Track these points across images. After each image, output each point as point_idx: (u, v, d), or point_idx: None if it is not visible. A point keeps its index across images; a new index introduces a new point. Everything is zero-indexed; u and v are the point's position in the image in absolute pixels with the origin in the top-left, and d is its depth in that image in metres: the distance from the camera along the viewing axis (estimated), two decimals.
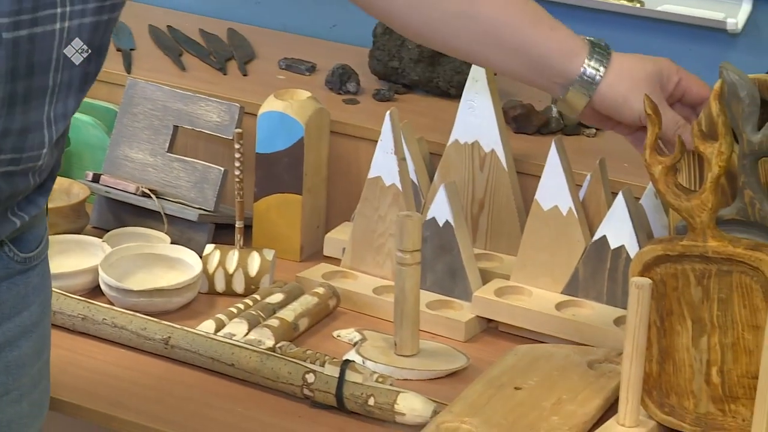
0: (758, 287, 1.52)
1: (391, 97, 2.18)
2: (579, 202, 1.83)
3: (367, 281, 1.92)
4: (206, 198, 2.02)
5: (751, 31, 2.13)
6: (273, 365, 1.67)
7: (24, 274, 1.37)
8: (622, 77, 1.54)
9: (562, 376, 1.67)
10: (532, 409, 1.61)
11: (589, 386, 1.66)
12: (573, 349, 1.74)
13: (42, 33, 1.25)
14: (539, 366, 1.70)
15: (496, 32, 1.53)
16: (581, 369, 1.69)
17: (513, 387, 1.65)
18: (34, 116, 1.29)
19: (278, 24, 2.46)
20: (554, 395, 1.64)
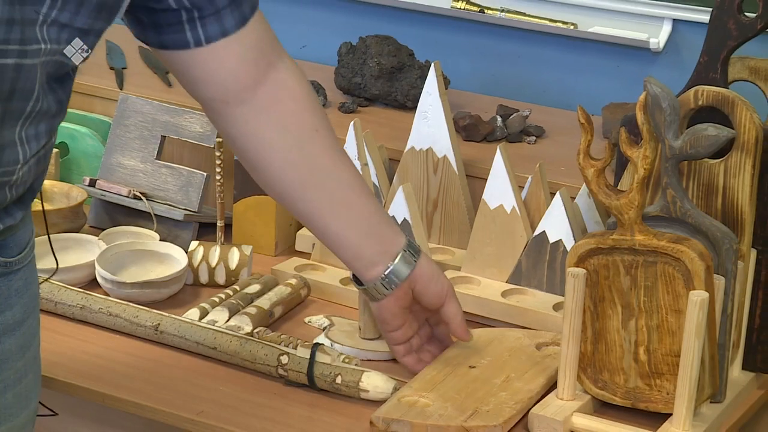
0: (680, 276, 1.52)
1: (354, 110, 2.17)
2: (521, 201, 1.82)
3: (335, 273, 1.91)
4: (191, 200, 2.01)
5: (671, 50, 2.13)
6: (251, 348, 1.66)
7: (5, 277, 1.33)
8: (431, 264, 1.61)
9: (512, 357, 1.66)
10: (483, 385, 1.59)
11: (536, 366, 1.64)
12: (524, 332, 1.73)
13: (29, 65, 1.22)
14: (492, 347, 1.68)
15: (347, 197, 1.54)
16: (530, 350, 1.68)
17: (468, 366, 1.63)
18: (7, 135, 1.25)
19: None
20: (504, 373, 1.62)
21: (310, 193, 1.50)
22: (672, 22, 2.11)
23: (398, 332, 1.59)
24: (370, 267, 1.55)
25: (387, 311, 1.57)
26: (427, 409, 1.53)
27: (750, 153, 1.58)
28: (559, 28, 2.17)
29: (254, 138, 1.46)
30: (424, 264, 1.57)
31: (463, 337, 1.62)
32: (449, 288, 1.59)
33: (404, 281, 1.56)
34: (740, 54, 1.66)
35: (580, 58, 2.20)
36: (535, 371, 1.63)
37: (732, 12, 1.60)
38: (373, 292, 1.57)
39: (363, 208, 1.53)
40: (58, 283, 1.80)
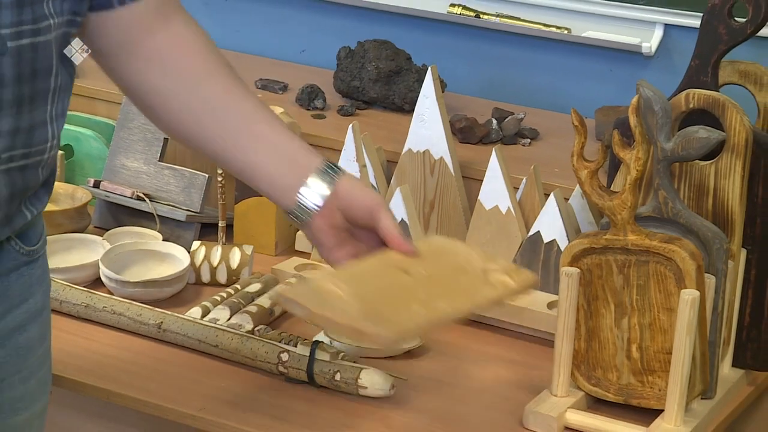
0: (671, 275, 1.52)
1: (353, 113, 2.17)
2: (516, 202, 1.82)
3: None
4: (193, 201, 2.01)
5: (662, 54, 2.13)
6: (252, 346, 1.66)
7: (28, 266, 1.35)
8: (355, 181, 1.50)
9: (453, 275, 1.47)
10: (406, 294, 1.41)
11: (470, 290, 1.45)
12: (480, 254, 1.53)
13: (44, 42, 1.24)
14: (439, 260, 1.49)
15: None
16: (474, 274, 1.48)
17: (403, 270, 1.45)
18: (39, 115, 1.27)
19: (255, 49, 2.44)
20: (435, 289, 1.44)
21: (212, 132, 1.45)
22: (663, 26, 2.11)
23: (339, 252, 1.47)
24: (289, 191, 1.46)
25: (318, 232, 1.46)
26: (335, 300, 1.36)
27: (740, 155, 1.58)
28: (553, 32, 2.17)
29: (150, 87, 1.44)
30: (347, 180, 1.46)
31: (404, 249, 1.45)
32: (379, 202, 1.46)
33: (326, 198, 1.45)
34: (730, 58, 1.66)
35: (574, 62, 2.19)
36: (466, 296, 1.45)
37: (722, 17, 1.60)
38: (298, 214, 1.46)
39: (271, 136, 1.46)
40: (63, 282, 1.80)
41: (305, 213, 1.45)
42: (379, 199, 1.47)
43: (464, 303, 1.44)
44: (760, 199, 1.62)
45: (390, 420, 1.58)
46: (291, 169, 1.45)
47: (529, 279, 1.46)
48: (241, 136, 1.44)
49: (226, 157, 1.45)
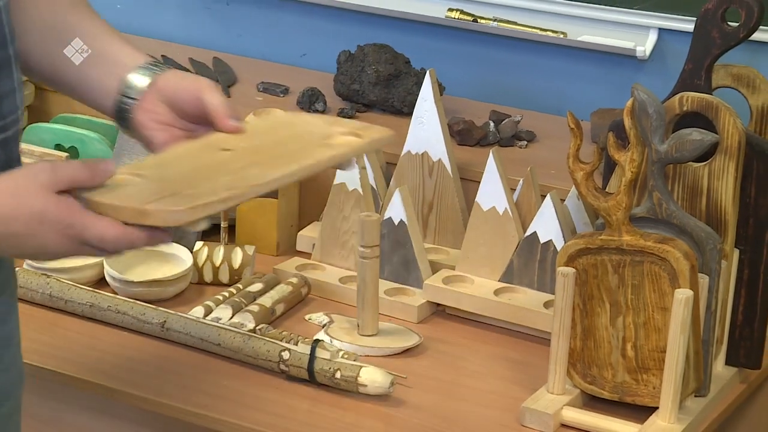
0: (665, 275, 1.52)
1: (353, 115, 2.17)
2: (513, 203, 1.82)
3: (334, 272, 1.90)
4: None
5: (657, 58, 2.13)
6: (254, 345, 1.66)
7: None
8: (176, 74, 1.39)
9: (281, 144, 1.32)
10: (215, 168, 1.25)
11: (298, 154, 1.28)
12: (327, 120, 1.39)
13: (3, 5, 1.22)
14: (273, 132, 1.35)
15: None
16: (311, 139, 1.33)
17: (221, 148, 1.29)
18: (6, 84, 1.24)
19: (257, 53, 2.44)
20: (254, 158, 1.28)
21: (42, 50, 1.38)
22: (658, 31, 2.11)
23: None
24: (112, 93, 1.37)
25: (143, 129, 1.36)
26: (125, 187, 1.20)
27: (733, 157, 1.58)
28: (550, 36, 2.17)
29: None
30: (170, 73, 1.36)
31: (228, 126, 1.32)
32: (203, 84, 1.34)
33: (145, 91, 1.35)
34: (723, 62, 1.65)
35: (570, 65, 2.19)
36: (290, 159, 1.27)
37: (716, 21, 1.60)
38: (120, 114, 1.37)
39: (101, 48, 1.37)
40: (68, 282, 1.80)
41: (125, 111, 1.36)
42: (204, 81, 1.35)
43: (286, 167, 1.25)
44: (752, 200, 1.62)
45: (389, 417, 1.58)
46: (114, 72, 1.37)
47: (380, 133, 1.33)
48: (61, 53, 1.37)
49: (57, 76, 1.38)
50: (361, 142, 1.30)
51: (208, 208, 1.17)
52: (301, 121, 1.37)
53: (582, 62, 2.18)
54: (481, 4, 2.21)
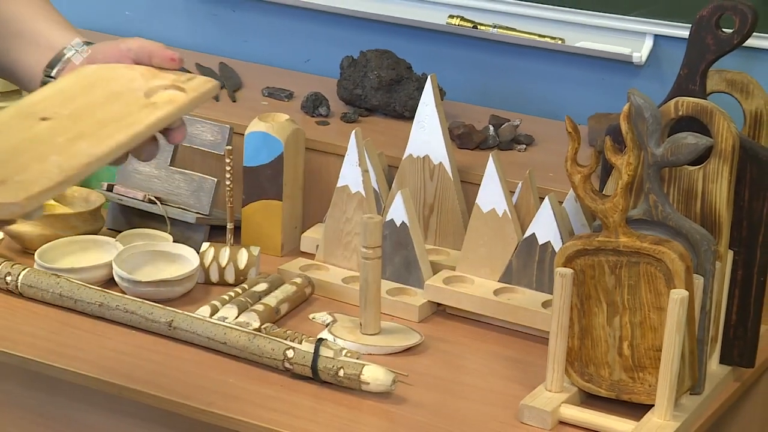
0: (661, 275, 1.52)
1: (355, 119, 2.17)
2: (512, 205, 1.82)
3: (337, 272, 1.90)
4: (202, 204, 2.00)
5: (653, 63, 2.13)
6: (259, 343, 1.66)
7: None
8: None
9: (104, 106, 1.19)
10: (40, 145, 1.12)
11: (124, 120, 1.17)
12: (146, 72, 1.26)
13: None
14: (89, 93, 1.21)
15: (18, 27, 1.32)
16: (133, 98, 1.20)
17: (40, 117, 1.16)
18: None
19: (262, 59, 2.44)
20: (78, 127, 1.15)
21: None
22: (653, 37, 2.11)
23: None
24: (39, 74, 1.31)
25: None
26: None
27: (727, 160, 1.57)
28: (548, 42, 2.17)
29: None
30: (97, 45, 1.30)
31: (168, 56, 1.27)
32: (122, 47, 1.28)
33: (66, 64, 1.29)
34: (718, 67, 1.65)
35: (568, 70, 2.19)
36: (117, 127, 1.15)
37: (710, 28, 1.60)
38: None
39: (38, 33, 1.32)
40: (78, 282, 1.80)
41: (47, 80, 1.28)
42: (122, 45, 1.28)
43: (114, 137, 1.14)
44: (746, 202, 1.61)
45: (391, 414, 1.58)
46: (45, 53, 1.31)
47: (204, 85, 1.22)
48: (13, 39, 1.32)
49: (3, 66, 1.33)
50: (186, 98, 1.19)
51: (45, 195, 1.07)
52: (118, 76, 1.23)
53: (579, 68, 2.18)
54: (481, 11, 2.21)
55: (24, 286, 1.81)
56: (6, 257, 1.89)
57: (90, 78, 1.21)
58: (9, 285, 1.82)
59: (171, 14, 2.48)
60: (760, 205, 1.61)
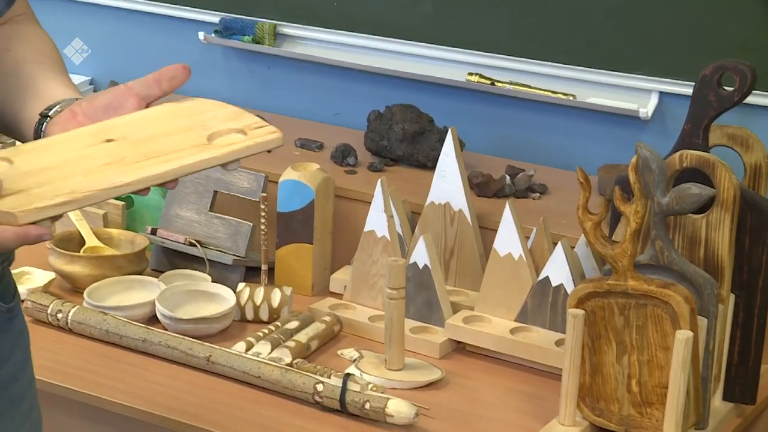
0: (668, 317, 1.51)
1: (381, 169, 2.17)
2: (527, 250, 1.81)
3: (364, 311, 1.90)
4: (239, 247, 2.01)
5: (658, 118, 2.12)
6: (291, 377, 1.65)
7: (10, 322, 1.28)
8: None
9: (167, 136, 1.13)
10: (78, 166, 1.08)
11: (169, 155, 1.11)
12: (231, 113, 1.18)
13: None
14: (169, 122, 1.15)
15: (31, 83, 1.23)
16: (197, 134, 1.14)
17: (107, 138, 1.11)
18: None
19: (295, 112, 2.45)
20: (124, 153, 1.10)
21: None
22: (659, 94, 2.11)
23: None
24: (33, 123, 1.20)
25: None
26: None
27: (728, 209, 1.57)
28: (560, 98, 2.17)
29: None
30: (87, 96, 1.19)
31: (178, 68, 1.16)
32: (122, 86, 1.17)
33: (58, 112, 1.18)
34: (720, 122, 1.65)
35: (579, 124, 2.19)
36: (156, 161, 1.10)
37: (712, 86, 1.60)
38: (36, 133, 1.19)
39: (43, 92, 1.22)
40: (123, 319, 1.80)
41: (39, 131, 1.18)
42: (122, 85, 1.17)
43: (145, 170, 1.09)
44: (746, 249, 1.60)
45: None
46: (41, 105, 1.20)
47: (267, 135, 1.15)
48: (23, 92, 1.23)
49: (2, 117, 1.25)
50: (241, 146, 1.13)
51: (43, 212, 1.03)
52: (204, 110, 1.18)
53: (590, 122, 2.18)
54: (498, 69, 2.21)
55: (73, 322, 1.82)
56: (57, 296, 1.89)
57: (178, 109, 1.17)
58: (60, 321, 1.83)
59: (212, 70, 2.49)
60: (760, 251, 1.60)
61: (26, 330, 1.33)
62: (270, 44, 2.38)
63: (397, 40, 2.28)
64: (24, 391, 1.31)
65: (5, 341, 1.26)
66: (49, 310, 1.83)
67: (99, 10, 2.55)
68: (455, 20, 2.22)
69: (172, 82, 1.16)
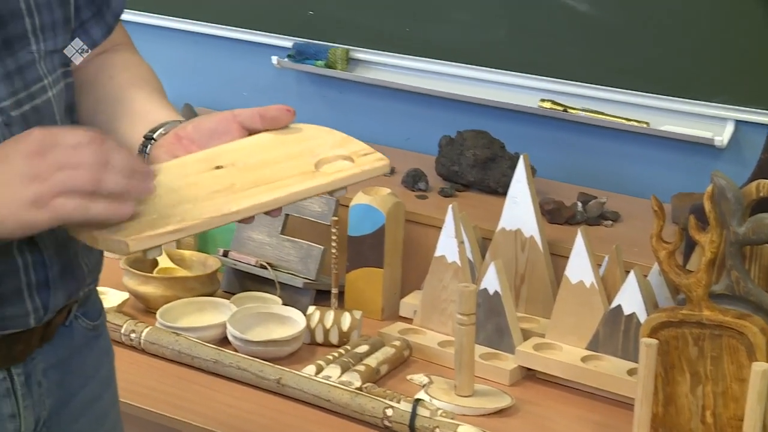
0: (743, 348, 1.49)
1: (452, 194, 2.18)
2: (599, 277, 1.81)
3: (434, 336, 1.90)
4: (309, 270, 2.02)
5: (733, 147, 2.11)
6: (360, 401, 1.66)
7: (96, 340, 1.30)
8: None
9: (275, 164, 1.13)
10: (187, 193, 1.09)
11: (276, 182, 1.11)
12: (338, 140, 1.18)
13: (44, 102, 1.15)
14: (278, 149, 1.15)
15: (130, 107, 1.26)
16: (305, 162, 1.14)
17: (216, 165, 1.12)
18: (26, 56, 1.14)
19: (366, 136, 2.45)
20: (233, 180, 1.11)
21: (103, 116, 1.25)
22: (735, 122, 2.09)
23: None
24: None
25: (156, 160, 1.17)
26: None
27: None
28: (634, 126, 2.16)
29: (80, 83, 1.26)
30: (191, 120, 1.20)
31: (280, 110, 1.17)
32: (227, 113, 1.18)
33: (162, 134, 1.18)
34: None
35: (652, 152, 2.18)
36: (265, 188, 1.10)
37: None
38: None
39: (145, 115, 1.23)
40: (194, 340, 1.82)
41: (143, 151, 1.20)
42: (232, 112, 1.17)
43: (253, 198, 1.09)
44: None
45: None
46: (144, 128, 1.21)
47: (374, 162, 1.15)
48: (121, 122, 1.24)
49: None
50: (349, 174, 1.13)
51: (154, 240, 1.03)
52: (311, 137, 1.18)
53: (663, 150, 2.17)
54: (570, 96, 2.21)
55: (146, 342, 1.84)
56: (131, 316, 1.92)
57: (285, 136, 1.17)
58: (133, 341, 1.85)
59: (285, 95, 2.52)
60: None
61: (111, 349, 1.35)
62: (342, 69, 2.40)
63: (469, 66, 2.29)
64: (108, 409, 1.34)
65: (90, 358, 1.29)
66: (122, 330, 1.86)
67: (174, 34, 2.59)
68: (528, 46, 2.23)
69: (273, 122, 1.19)
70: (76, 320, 1.26)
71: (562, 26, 2.19)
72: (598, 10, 2.15)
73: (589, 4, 2.16)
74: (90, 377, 1.29)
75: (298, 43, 2.44)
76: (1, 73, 1.11)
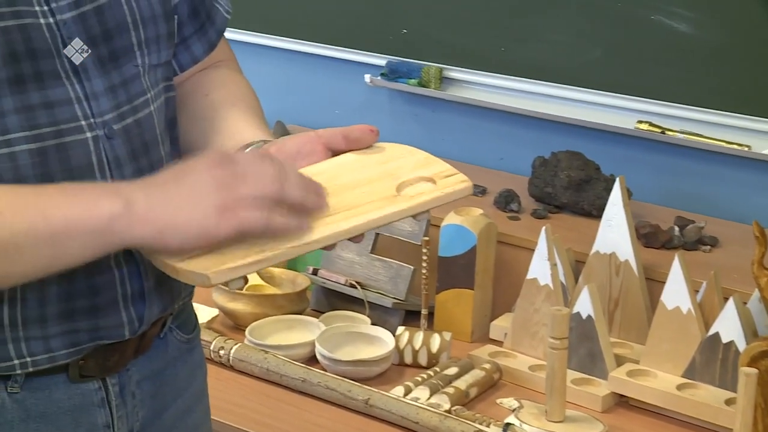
0: None
1: (545, 216, 2.16)
2: (696, 304, 1.77)
3: (525, 360, 1.88)
4: (399, 290, 2.02)
5: None
6: (449, 424, 1.65)
7: (190, 353, 1.31)
8: None
9: (357, 187, 1.13)
10: None
11: (358, 208, 1.11)
12: (422, 161, 1.18)
13: (146, 115, 1.17)
14: (360, 172, 1.15)
15: None
16: (386, 186, 1.13)
17: None
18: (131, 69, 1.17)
19: (458, 156, 2.46)
20: None
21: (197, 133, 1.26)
22: None
23: None
24: None
25: None
26: None
27: None
28: (735, 149, 2.12)
29: None
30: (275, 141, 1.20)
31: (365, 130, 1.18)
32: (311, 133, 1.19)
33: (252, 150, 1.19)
34: None
35: (754, 176, 2.14)
36: (345, 215, 1.09)
37: None
38: None
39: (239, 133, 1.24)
40: (283, 358, 1.83)
41: None
42: (316, 132, 1.18)
43: (333, 225, 1.08)
44: None
45: None
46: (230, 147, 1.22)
47: (456, 185, 1.14)
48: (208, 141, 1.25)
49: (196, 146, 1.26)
50: (430, 198, 1.12)
51: (235, 271, 1.03)
52: (395, 157, 1.17)
53: (765, 174, 2.12)
54: (668, 117, 2.18)
55: (235, 359, 1.86)
56: (220, 332, 1.94)
57: (368, 157, 1.17)
58: (222, 358, 1.87)
59: (377, 113, 2.53)
60: None
61: (204, 363, 1.37)
62: (435, 88, 2.40)
63: (564, 86, 2.28)
64: (199, 423, 1.35)
65: (184, 371, 1.30)
66: (212, 347, 1.87)
67: (268, 51, 2.62)
68: (625, 66, 2.21)
69: (356, 143, 1.19)
70: (171, 333, 1.28)
71: (659, 46, 2.16)
72: (698, 30, 2.12)
73: (688, 23, 2.13)
74: (183, 390, 1.30)
75: (392, 61, 2.44)
76: (106, 87, 1.13)
